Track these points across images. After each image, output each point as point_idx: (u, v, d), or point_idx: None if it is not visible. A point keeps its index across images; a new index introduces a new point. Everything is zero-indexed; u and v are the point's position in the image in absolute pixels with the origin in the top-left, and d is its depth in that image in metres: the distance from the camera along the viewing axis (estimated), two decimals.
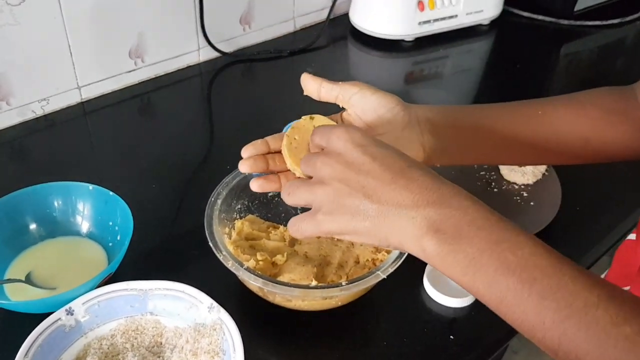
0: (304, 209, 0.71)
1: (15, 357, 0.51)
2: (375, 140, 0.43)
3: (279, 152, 0.53)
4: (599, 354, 0.36)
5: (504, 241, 0.38)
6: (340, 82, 0.54)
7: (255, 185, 0.52)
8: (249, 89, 1.03)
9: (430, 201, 0.39)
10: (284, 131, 0.53)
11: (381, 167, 0.40)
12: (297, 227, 0.45)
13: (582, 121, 0.60)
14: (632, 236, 0.76)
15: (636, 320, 0.36)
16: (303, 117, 0.53)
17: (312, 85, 0.54)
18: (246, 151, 0.53)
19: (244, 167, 0.52)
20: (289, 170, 0.52)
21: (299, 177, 0.50)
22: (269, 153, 0.53)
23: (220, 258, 0.57)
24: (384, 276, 0.55)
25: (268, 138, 0.54)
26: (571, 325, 0.36)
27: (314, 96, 0.54)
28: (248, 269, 0.56)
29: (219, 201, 0.63)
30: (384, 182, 0.40)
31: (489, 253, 0.38)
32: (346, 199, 0.41)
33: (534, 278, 0.37)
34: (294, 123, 0.53)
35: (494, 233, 0.39)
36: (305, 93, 0.54)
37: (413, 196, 0.39)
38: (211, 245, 0.58)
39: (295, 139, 0.51)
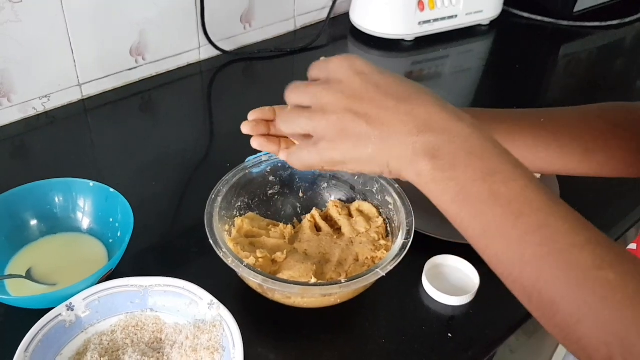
0: (306, 205, 0.71)
1: (15, 352, 0.52)
2: (376, 67, 0.42)
3: None
4: (575, 298, 0.35)
5: (499, 172, 0.37)
6: None
7: (256, 143, 0.52)
8: (250, 88, 1.03)
9: (431, 127, 0.39)
10: None
11: (384, 95, 0.40)
12: (297, 156, 0.44)
13: (584, 131, 0.59)
14: (632, 246, 0.76)
15: (622, 267, 0.34)
16: None
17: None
18: (253, 114, 0.53)
19: (245, 128, 0.52)
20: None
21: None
22: (274, 120, 0.53)
23: (221, 255, 0.57)
24: (383, 274, 0.56)
25: (276, 107, 0.53)
26: (551, 262, 0.35)
27: None
28: (248, 266, 0.56)
29: (219, 198, 0.63)
30: (387, 109, 0.39)
31: (481, 183, 0.37)
32: (349, 126, 0.40)
33: (522, 212, 0.36)
34: None
35: (490, 163, 0.38)
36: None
37: (415, 121, 0.39)
38: (211, 242, 0.58)
39: None
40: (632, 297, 0.33)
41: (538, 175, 0.78)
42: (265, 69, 1.07)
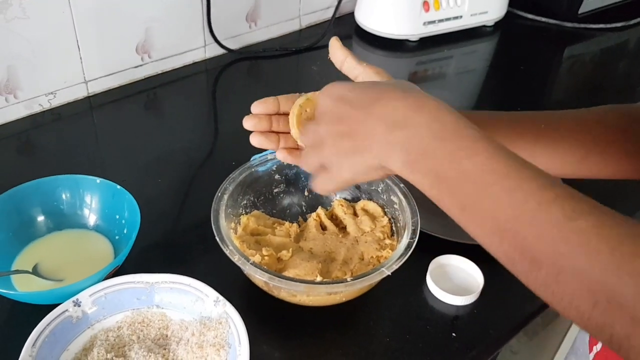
0: (311, 203, 0.71)
1: (22, 347, 0.52)
2: (351, 85, 0.46)
3: (286, 114, 0.53)
4: (552, 251, 0.36)
5: (463, 149, 0.40)
6: (364, 63, 0.54)
7: (255, 140, 0.54)
8: (254, 86, 1.03)
9: (397, 123, 0.42)
10: (297, 102, 0.53)
11: (357, 109, 0.44)
12: (320, 187, 0.49)
13: (583, 136, 0.60)
14: None
15: (593, 216, 0.35)
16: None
17: (339, 55, 0.54)
18: (256, 107, 0.54)
19: (247, 123, 0.54)
20: (289, 132, 0.53)
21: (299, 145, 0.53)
22: (277, 114, 0.55)
23: (227, 252, 0.57)
24: (389, 273, 0.56)
25: (280, 97, 0.55)
26: (525, 221, 0.37)
27: (337, 66, 0.55)
28: (254, 264, 0.56)
29: (226, 196, 0.63)
30: (360, 121, 0.43)
31: (448, 164, 0.40)
32: (342, 147, 0.44)
33: (490, 182, 0.38)
34: (309, 94, 0.53)
35: (454, 142, 0.40)
36: (330, 57, 0.55)
37: (384, 122, 0.42)
38: (218, 239, 0.58)
39: (306, 111, 0.52)
40: (606, 241, 0.34)
41: None
42: (270, 68, 1.07)
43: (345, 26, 1.18)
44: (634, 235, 0.34)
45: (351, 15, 1.19)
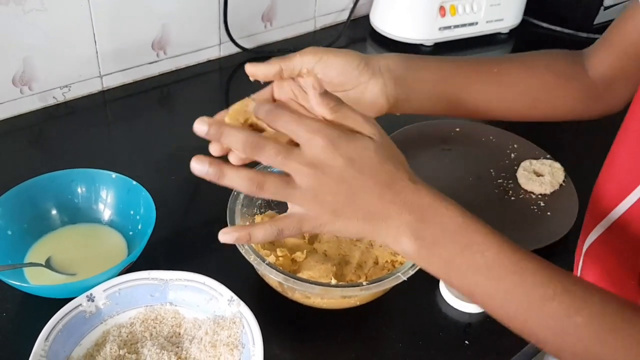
0: None
1: (33, 340, 0.52)
2: (355, 145, 0.43)
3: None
4: (554, 342, 0.42)
5: (474, 244, 0.43)
6: (294, 55, 0.54)
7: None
8: (267, 86, 1.03)
9: (412, 211, 0.43)
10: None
11: (370, 182, 0.43)
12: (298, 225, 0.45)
13: (534, 82, 0.64)
14: None
15: (586, 311, 0.41)
16: (242, 100, 0.52)
17: (270, 71, 0.54)
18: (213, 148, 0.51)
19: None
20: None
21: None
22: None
23: (242, 252, 0.57)
24: (405, 278, 0.56)
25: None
26: (531, 316, 0.43)
27: (276, 78, 0.55)
28: (270, 264, 0.56)
29: (241, 195, 0.63)
30: (374, 197, 0.43)
31: (460, 256, 0.43)
32: (340, 210, 0.43)
33: (499, 276, 0.43)
34: (235, 105, 0.51)
35: (466, 237, 0.43)
36: (258, 78, 0.54)
37: (398, 208, 0.43)
38: None
39: (242, 123, 0.50)
40: (598, 335, 0.41)
41: (560, 180, 0.78)
42: None
43: (359, 29, 1.18)
44: (620, 329, 0.41)
45: (366, 18, 1.18)
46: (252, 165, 0.47)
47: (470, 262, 0.43)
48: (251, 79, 0.55)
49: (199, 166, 0.44)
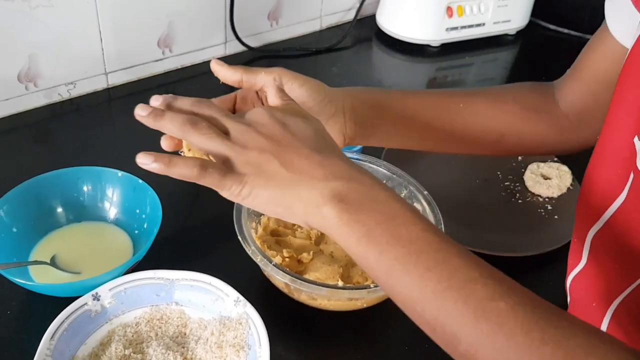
0: None
1: (37, 338, 0.52)
2: (293, 116, 0.45)
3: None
4: (473, 327, 0.37)
5: (400, 216, 0.41)
6: (260, 70, 0.54)
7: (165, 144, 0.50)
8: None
9: (339, 176, 0.42)
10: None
11: (301, 142, 0.43)
12: (214, 179, 0.43)
13: (500, 116, 0.63)
14: None
15: (511, 297, 0.38)
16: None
17: (231, 76, 0.53)
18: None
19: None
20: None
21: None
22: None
23: (249, 252, 0.57)
24: None
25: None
26: (450, 296, 0.38)
27: (234, 85, 0.54)
28: (276, 265, 0.56)
29: None
30: (300, 156, 0.42)
31: (384, 226, 0.40)
32: (265, 165, 0.42)
33: (421, 250, 0.40)
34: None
35: (392, 209, 0.41)
36: (219, 77, 0.54)
37: (324, 171, 0.42)
38: (240, 238, 0.58)
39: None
40: (522, 324, 0.37)
41: (567, 184, 0.78)
42: (289, 67, 1.05)
43: (365, 28, 1.18)
44: (546, 320, 0.37)
45: (372, 17, 1.18)
46: None
47: (393, 233, 0.40)
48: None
49: (140, 110, 0.46)
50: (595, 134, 0.59)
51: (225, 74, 0.53)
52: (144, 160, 0.43)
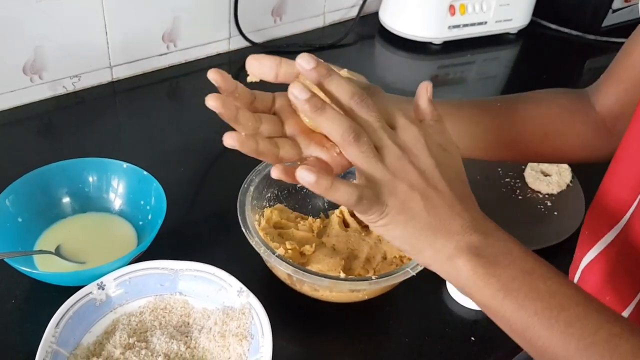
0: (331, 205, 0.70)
1: (41, 327, 0.52)
2: (443, 150, 0.42)
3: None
4: None
5: (536, 271, 0.40)
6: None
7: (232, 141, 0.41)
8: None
9: (477, 229, 0.41)
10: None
11: (446, 186, 0.41)
12: (360, 201, 0.39)
13: (541, 117, 0.62)
14: None
15: None
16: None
17: (268, 62, 0.42)
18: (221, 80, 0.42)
19: (212, 103, 0.41)
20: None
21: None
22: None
23: (253, 243, 0.58)
24: (414, 273, 0.56)
25: (257, 92, 0.44)
26: (595, 352, 0.38)
27: (269, 77, 0.43)
28: (280, 256, 0.56)
29: (252, 188, 0.63)
30: (445, 203, 0.41)
31: (521, 280, 0.40)
32: (410, 203, 0.40)
33: (562, 305, 0.39)
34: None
35: (528, 264, 0.41)
36: (252, 77, 0.43)
37: (463, 222, 0.41)
38: (244, 230, 0.59)
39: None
40: None
41: (567, 180, 0.79)
42: None
43: (368, 26, 1.18)
44: None
45: (375, 15, 1.19)
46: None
47: (532, 287, 0.39)
48: (250, 74, 0.44)
49: (298, 92, 0.38)
50: None
51: (262, 61, 0.42)
52: (306, 177, 0.38)
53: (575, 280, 0.61)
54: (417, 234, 0.41)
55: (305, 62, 0.39)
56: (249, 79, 0.43)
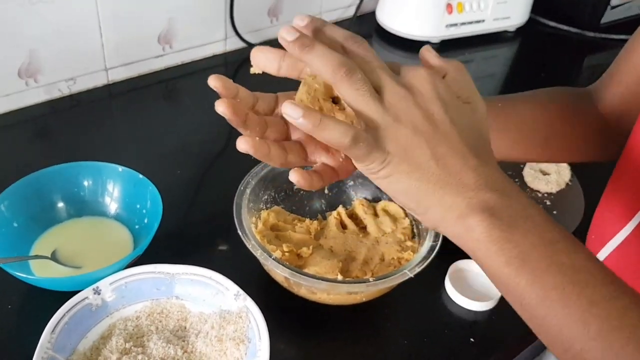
0: (331, 202, 0.70)
1: (38, 332, 0.52)
2: (456, 98, 0.38)
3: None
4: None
5: (559, 242, 0.36)
6: None
7: (246, 146, 0.38)
8: (273, 81, 1.02)
9: (493, 188, 0.36)
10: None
11: (459, 135, 0.37)
12: (357, 147, 0.36)
13: (542, 120, 0.61)
14: None
15: None
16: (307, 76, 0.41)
17: (271, 55, 0.40)
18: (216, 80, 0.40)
19: (221, 107, 0.39)
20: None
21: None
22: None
23: (249, 247, 0.57)
24: (411, 275, 0.56)
25: (258, 94, 0.43)
26: (621, 337, 0.34)
27: (272, 69, 0.41)
28: (276, 259, 0.56)
29: (248, 190, 0.63)
30: (456, 153, 0.36)
31: (542, 249, 0.35)
32: (414, 150, 0.36)
33: (587, 282, 0.35)
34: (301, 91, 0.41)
35: (550, 232, 0.36)
36: (255, 69, 0.41)
37: (478, 178, 0.36)
38: (240, 233, 0.58)
39: (316, 88, 0.40)
40: None
41: (566, 179, 0.78)
42: None
43: (365, 25, 1.18)
44: None
45: (372, 14, 1.18)
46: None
47: (553, 259, 0.35)
48: (254, 65, 0.43)
49: (286, 33, 0.37)
50: None
51: (262, 54, 0.41)
52: (291, 112, 0.35)
53: None
54: (424, 187, 0.36)
55: (286, 33, 0.37)
56: (252, 70, 0.42)
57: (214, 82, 0.40)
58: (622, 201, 0.53)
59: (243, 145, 0.38)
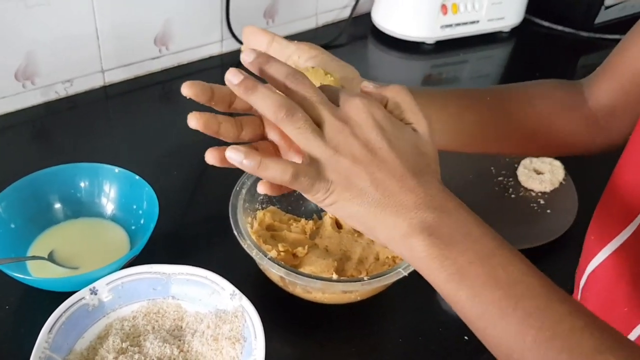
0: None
1: (35, 333, 0.52)
2: (393, 121, 0.40)
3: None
4: None
5: (496, 256, 0.38)
6: (295, 42, 0.50)
7: (213, 158, 0.42)
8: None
9: (431, 206, 0.38)
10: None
11: (396, 158, 0.39)
12: (303, 183, 0.39)
13: (531, 115, 0.61)
14: None
15: (619, 351, 0.35)
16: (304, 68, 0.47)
17: (263, 38, 0.46)
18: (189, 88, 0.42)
19: (193, 122, 0.42)
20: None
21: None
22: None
23: (245, 246, 0.58)
24: (406, 273, 0.56)
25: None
26: (554, 346, 0.35)
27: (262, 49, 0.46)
28: (272, 259, 0.56)
29: (244, 191, 0.63)
30: (394, 176, 0.38)
31: (479, 265, 0.37)
32: (354, 179, 0.38)
33: (522, 294, 0.36)
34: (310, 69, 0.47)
35: (487, 247, 0.38)
36: (246, 48, 0.44)
37: (416, 198, 0.38)
38: (235, 233, 0.59)
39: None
40: None
41: (560, 178, 0.79)
42: None
43: (361, 26, 1.18)
44: None
45: (367, 15, 1.19)
46: None
47: (490, 275, 0.37)
48: (245, 43, 0.47)
49: (232, 76, 0.39)
50: (624, 134, 0.59)
51: (256, 36, 0.46)
52: (234, 156, 0.39)
53: (581, 286, 0.60)
54: (366, 211, 0.38)
55: (232, 76, 0.39)
56: (242, 50, 0.43)
57: (187, 91, 0.42)
58: (623, 202, 0.53)
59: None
